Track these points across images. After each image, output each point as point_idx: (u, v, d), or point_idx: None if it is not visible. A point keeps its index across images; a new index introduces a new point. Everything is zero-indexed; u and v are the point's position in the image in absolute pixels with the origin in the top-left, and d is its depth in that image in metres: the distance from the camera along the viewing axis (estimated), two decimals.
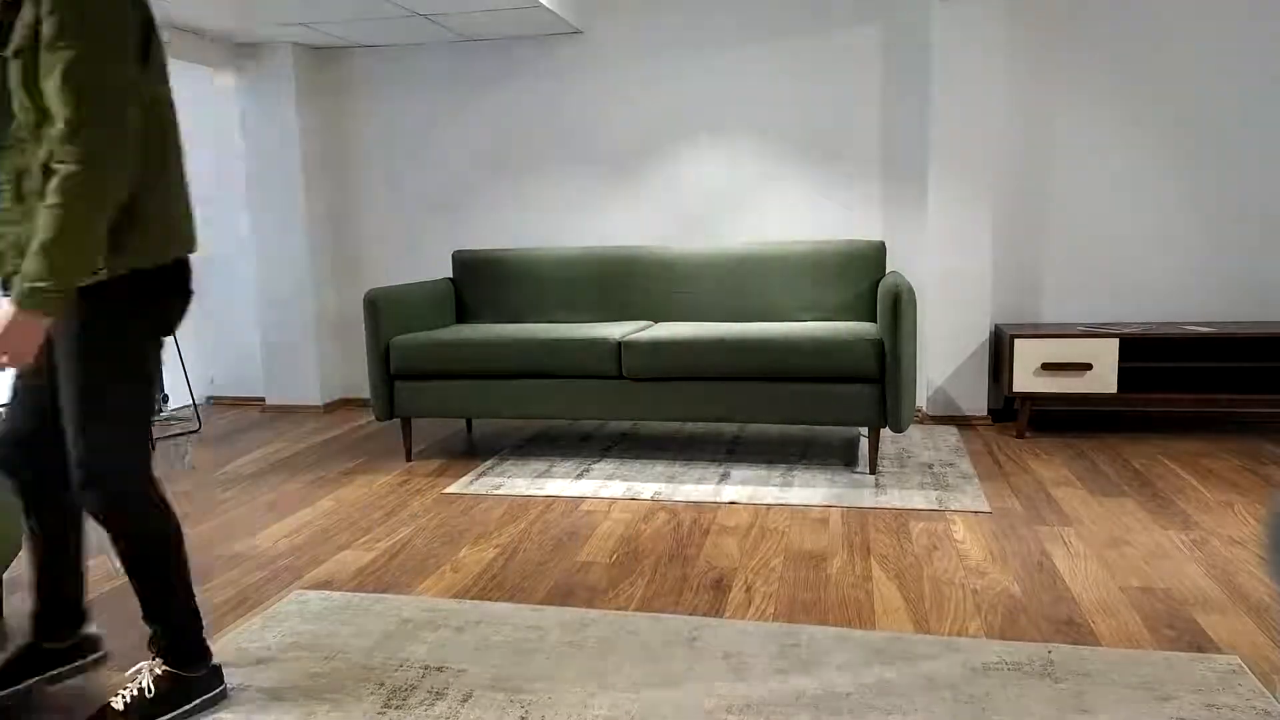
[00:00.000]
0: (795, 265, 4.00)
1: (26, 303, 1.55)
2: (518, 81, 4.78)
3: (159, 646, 1.86)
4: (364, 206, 5.09)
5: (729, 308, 4.08)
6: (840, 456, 3.72)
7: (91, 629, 2.06)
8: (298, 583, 2.56)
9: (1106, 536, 2.73)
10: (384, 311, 3.80)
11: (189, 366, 5.23)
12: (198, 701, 1.87)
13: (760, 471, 3.52)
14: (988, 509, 3.00)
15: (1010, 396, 3.96)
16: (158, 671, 1.84)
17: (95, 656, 2.06)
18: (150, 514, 1.83)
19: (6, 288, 1.77)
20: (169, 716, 1.83)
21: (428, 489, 3.45)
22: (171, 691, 1.84)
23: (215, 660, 1.95)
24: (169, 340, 5.07)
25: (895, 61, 4.31)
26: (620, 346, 3.55)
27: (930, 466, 3.52)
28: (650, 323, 4.05)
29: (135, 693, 1.82)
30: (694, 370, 3.46)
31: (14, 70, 1.61)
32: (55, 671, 2.00)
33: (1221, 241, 4.14)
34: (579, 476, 3.53)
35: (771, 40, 4.43)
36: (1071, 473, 3.42)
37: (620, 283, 4.21)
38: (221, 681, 1.92)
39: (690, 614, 2.27)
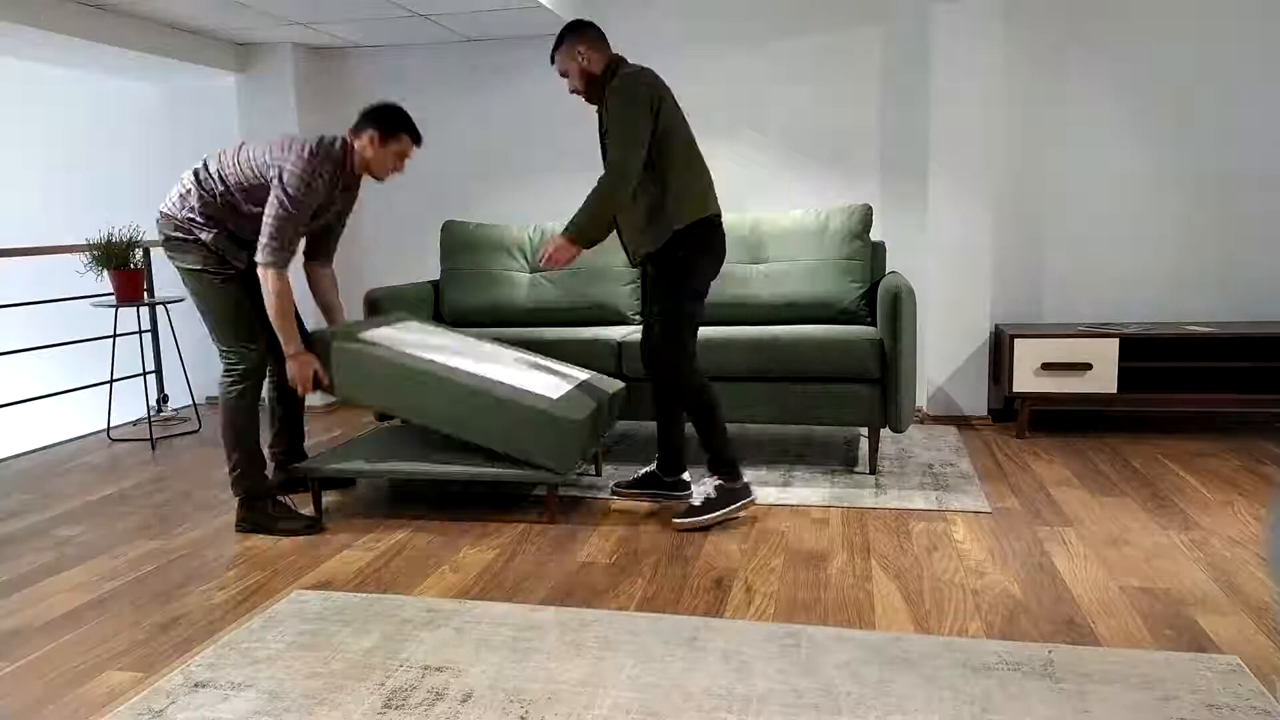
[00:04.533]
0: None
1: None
2: (518, 81, 4.78)
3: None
4: (363, 206, 5.09)
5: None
6: (840, 456, 3.71)
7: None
8: (298, 583, 2.56)
9: (1106, 536, 2.73)
10: (384, 311, 3.80)
11: (189, 367, 5.23)
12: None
13: (760, 471, 3.51)
14: (988, 509, 3.00)
15: (1010, 396, 3.96)
16: (716, 483, 2.91)
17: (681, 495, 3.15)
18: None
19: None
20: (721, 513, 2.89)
21: (428, 489, 3.44)
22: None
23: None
24: (184, 341, 5.07)
25: (895, 61, 4.31)
26: (620, 346, 3.55)
27: (930, 466, 3.52)
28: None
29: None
30: None
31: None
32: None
33: (1221, 241, 4.14)
34: (579, 477, 3.52)
35: (771, 40, 4.43)
36: (1071, 473, 3.42)
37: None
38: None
39: (690, 614, 2.27)
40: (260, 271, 2.84)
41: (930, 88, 4.15)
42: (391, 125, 2.94)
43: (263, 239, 2.81)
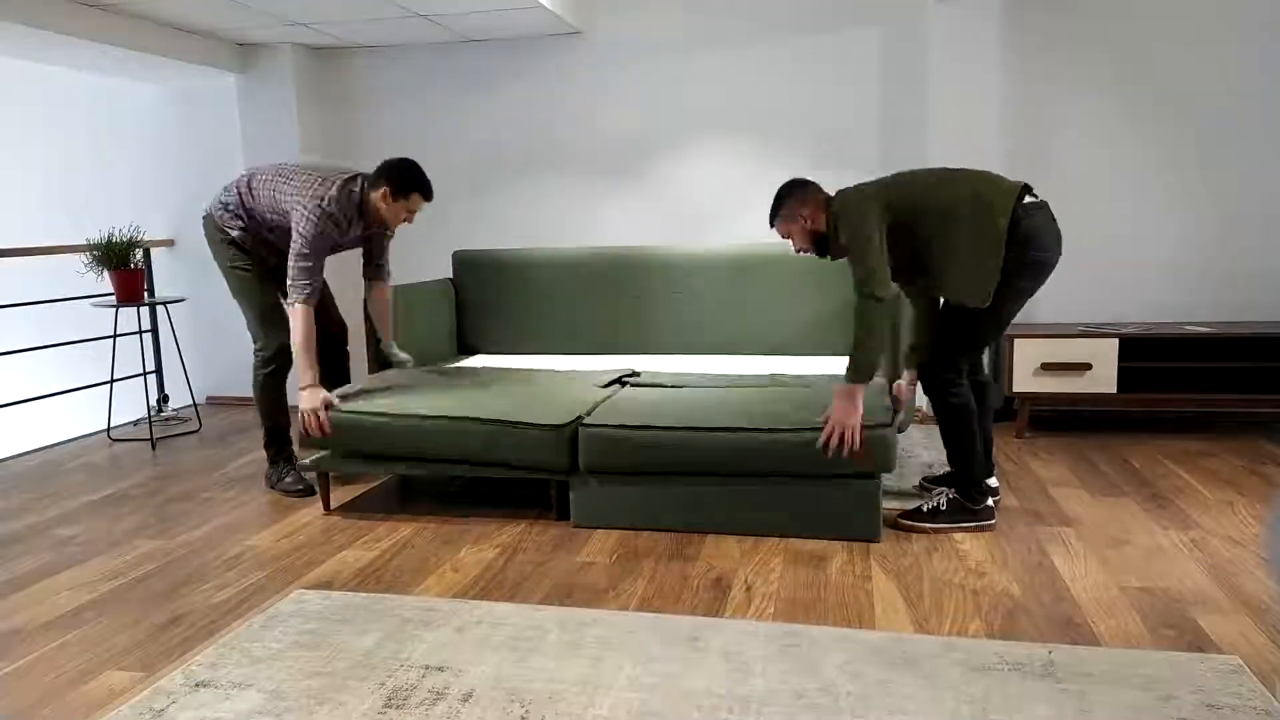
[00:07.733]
0: (795, 265, 3.99)
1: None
2: (517, 81, 4.78)
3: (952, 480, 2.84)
4: None
5: (728, 308, 4.07)
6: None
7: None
8: (298, 583, 2.56)
9: (1106, 536, 2.73)
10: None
11: (189, 366, 5.23)
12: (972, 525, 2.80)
13: None
14: None
15: (1010, 396, 3.96)
16: (950, 496, 2.82)
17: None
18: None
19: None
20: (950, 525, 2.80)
21: (428, 488, 3.44)
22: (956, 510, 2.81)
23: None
24: (175, 340, 5.06)
25: (895, 61, 4.31)
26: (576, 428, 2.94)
27: (930, 466, 3.52)
28: (634, 366, 4.04)
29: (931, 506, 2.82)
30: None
31: None
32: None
33: (1221, 241, 4.14)
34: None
35: (771, 40, 4.43)
36: (1071, 473, 3.42)
37: (620, 284, 4.21)
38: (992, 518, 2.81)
39: (690, 614, 2.27)
40: (289, 310, 3.14)
41: (929, 87, 4.15)
42: (404, 184, 3.13)
43: (290, 280, 3.09)
